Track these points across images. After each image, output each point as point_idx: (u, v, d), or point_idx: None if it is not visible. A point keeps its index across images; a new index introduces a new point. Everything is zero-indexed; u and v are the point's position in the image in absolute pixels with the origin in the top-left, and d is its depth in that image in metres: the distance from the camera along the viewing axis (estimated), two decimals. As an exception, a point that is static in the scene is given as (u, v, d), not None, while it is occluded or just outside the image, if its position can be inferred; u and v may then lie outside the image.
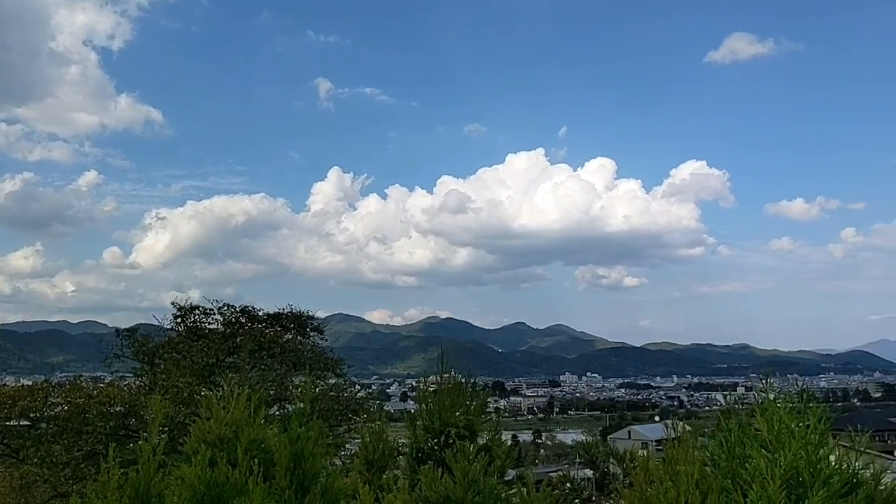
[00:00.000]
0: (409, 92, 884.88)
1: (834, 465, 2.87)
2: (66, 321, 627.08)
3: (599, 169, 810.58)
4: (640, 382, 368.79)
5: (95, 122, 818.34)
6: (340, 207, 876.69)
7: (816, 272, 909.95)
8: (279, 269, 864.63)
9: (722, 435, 3.15)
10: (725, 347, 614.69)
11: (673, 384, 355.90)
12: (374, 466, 4.13)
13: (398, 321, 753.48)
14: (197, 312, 23.49)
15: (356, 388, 29.74)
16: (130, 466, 3.52)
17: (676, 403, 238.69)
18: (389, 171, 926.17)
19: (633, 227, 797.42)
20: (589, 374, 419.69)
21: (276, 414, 15.03)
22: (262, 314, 24.22)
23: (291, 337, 24.42)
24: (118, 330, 24.22)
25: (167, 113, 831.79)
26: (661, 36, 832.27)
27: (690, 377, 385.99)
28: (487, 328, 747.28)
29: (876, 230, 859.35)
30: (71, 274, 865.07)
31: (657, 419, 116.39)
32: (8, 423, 19.33)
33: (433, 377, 4.35)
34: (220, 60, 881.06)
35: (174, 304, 23.71)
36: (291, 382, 20.51)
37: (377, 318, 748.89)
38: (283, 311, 24.48)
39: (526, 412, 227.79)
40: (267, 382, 18.62)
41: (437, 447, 4.02)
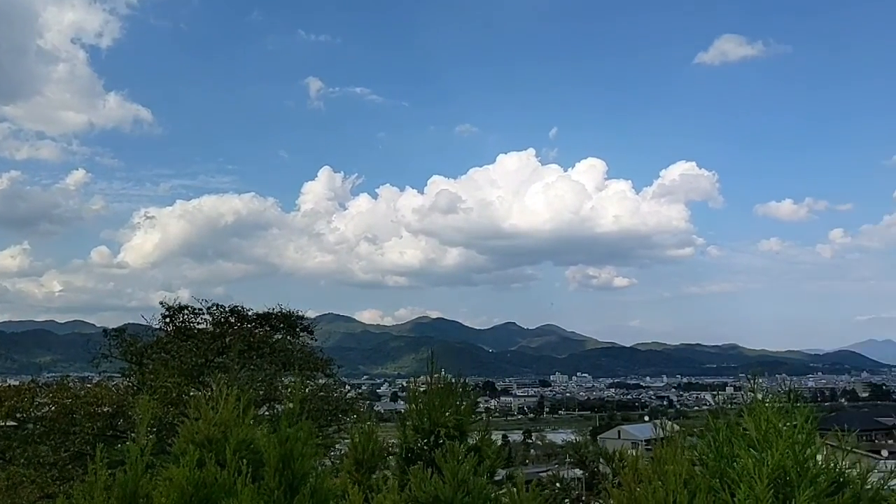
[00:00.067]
0: (399, 91, 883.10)
1: (821, 464, 2.88)
2: (53, 321, 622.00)
3: (590, 169, 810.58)
4: (629, 382, 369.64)
5: (84, 120, 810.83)
6: (331, 207, 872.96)
7: (805, 273, 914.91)
8: (269, 268, 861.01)
9: (710, 435, 3.16)
10: (714, 347, 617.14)
11: (662, 384, 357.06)
12: (363, 467, 4.12)
13: (388, 321, 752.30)
14: (186, 312, 23.45)
15: (346, 388, 29.76)
16: (118, 467, 3.50)
17: (666, 403, 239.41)
18: (380, 170, 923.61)
19: (623, 227, 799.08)
20: (579, 374, 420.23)
21: (265, 414, 15.02)
22: (251, 314, 24.20)
23: (281, 337, 24.40)
24: (106, 330, 24.16)
25: (156, 111, 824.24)
26: (651, 37, 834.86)
27: (680, 377, 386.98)
28: (478, 328, 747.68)
29: (864, 231, 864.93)
30: (58, 273, 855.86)
31: (647, 419, 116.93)
32: (-6, 423, 19.22)
33: (423, 377, 4.35)
34: (209, 59, 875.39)
35: (163, 303, 23.69)
36: (281, 382, 20.51)
37: (367, 318, 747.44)
38: (272, 310, 24.46)
39: (516, 412, 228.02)
40: (256, 383, 18.61)
41: (426, 447, 4.02)
